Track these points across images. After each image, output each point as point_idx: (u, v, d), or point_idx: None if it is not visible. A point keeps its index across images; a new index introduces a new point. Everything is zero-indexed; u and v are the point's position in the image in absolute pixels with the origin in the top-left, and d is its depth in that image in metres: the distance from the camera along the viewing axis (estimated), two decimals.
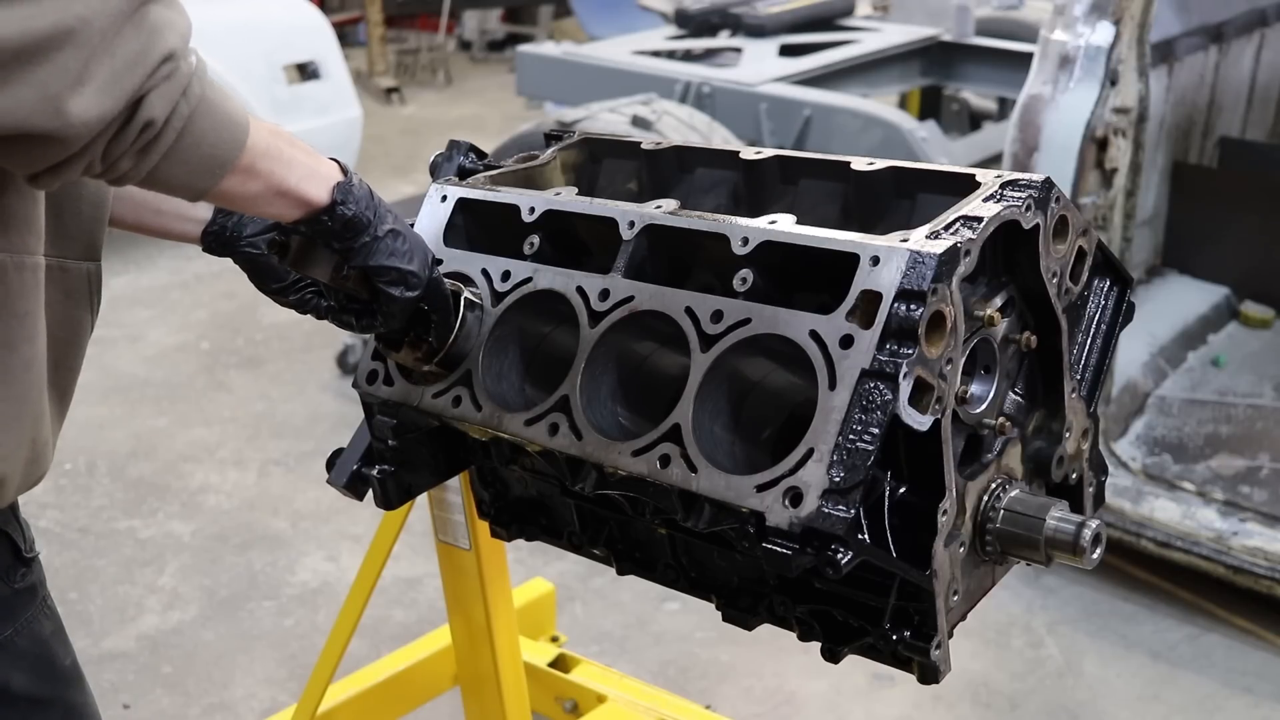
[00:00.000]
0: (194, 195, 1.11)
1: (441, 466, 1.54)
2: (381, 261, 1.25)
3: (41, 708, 1.43)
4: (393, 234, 1.26)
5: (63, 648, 1.47)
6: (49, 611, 1.45)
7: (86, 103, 0.97)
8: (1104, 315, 1.45)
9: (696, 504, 1.20)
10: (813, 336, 1.15)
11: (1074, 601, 3.34)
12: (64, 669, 1.47)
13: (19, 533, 1.40)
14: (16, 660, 1.39)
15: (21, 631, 1.39)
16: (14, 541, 1.38)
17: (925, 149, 4.02)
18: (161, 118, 1.02)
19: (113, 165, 1.04)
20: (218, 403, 4.59)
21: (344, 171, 1.23)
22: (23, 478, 1.32)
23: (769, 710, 3.00)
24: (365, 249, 1.24)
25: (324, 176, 1.21)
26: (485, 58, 10.71)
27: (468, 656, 2.03)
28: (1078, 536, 1.22)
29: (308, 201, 1.20)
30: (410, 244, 1.27)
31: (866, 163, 1.39)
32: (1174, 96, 4.02)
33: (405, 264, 1.26)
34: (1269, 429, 3.64)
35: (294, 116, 6.16)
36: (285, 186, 1.17)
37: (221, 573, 3.56)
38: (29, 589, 1.41)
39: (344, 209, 1.21)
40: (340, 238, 1.23)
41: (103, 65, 0.98)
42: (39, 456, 1.33)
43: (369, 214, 1.23)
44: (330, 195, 1.20)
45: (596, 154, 1.64)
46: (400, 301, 1.28)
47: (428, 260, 1.30)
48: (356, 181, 1.23)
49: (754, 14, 5.33)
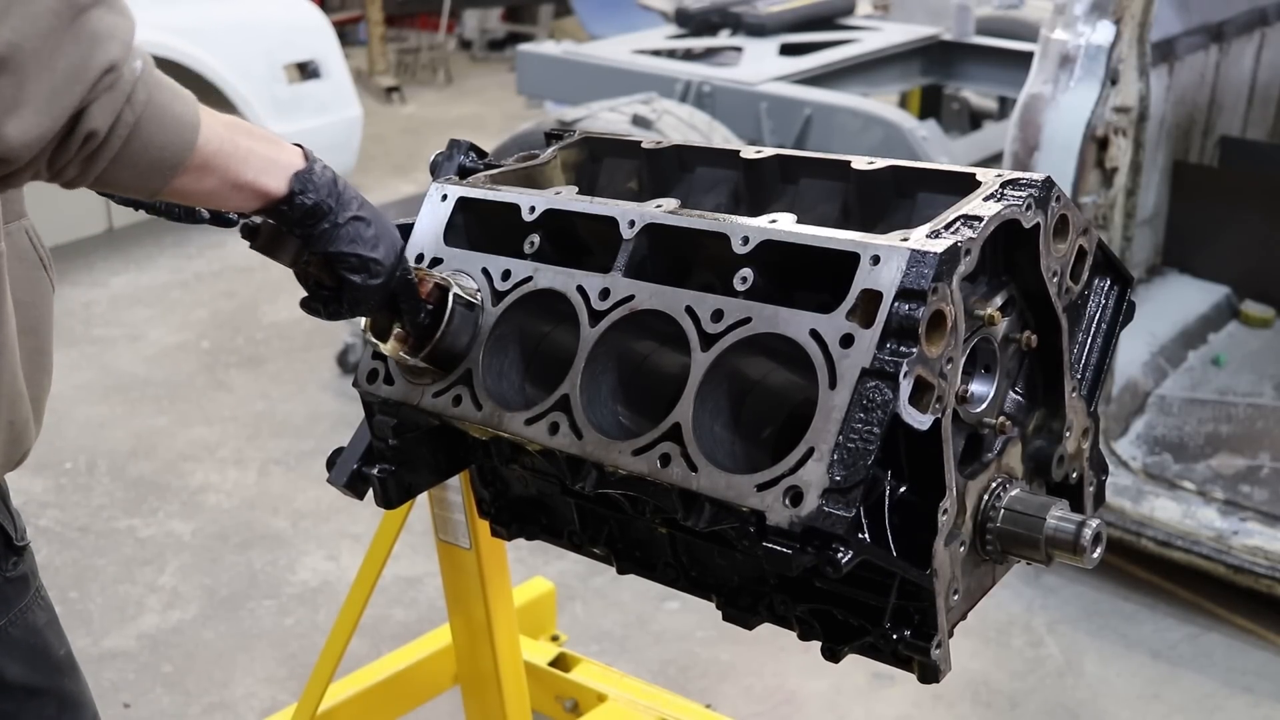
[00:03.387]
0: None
1: (442, 465, 1.54)
2: (341, 248, 1.24)
3: (36, 697, 1.43)
4: (357, 221, 1.25)
5: (57, 638, 1.48)
6: (43, 602, 1.46)
7: (25, 125, 0.97)
8: (1104, 314, 1.45)
9: (697, 503, 1.20)
10: (813, 336, 1.15)
11: (1074, 601, 3.34)
12: (58, 659, 1.47)
13: (9, 521, 1.40)
14: (10, 650, 1.40)
15: (15, 621, 1.40)
16: (4, 530, 1.39)
17: (926, 148, 4.02)
18: (104, 128, 1.02)
19: (59, 173, 1.04)
20: (218, 402, 4.59)
21: (306, 158, 1.23)
22: (4, 458, 1.33)
23: (769, 709, 3.00)
24: (325, 235, 1.24)
25: (283, 166, 1.20)
26: (485, 57, 10.71)
27: (468, 656, 2.03)
28: (1078, 536, 1.22)
29: (265, 193, 1.19)
30: (377, 231, 1.26)
31: (867, 162, 1.39)
32: (1174, 96, 4.02)
33: (367, 251, 1.25)
34: (1269, 428, 3.64)
35: (294, 116, 6.16)
36: (241, 180, 1.17)
37: (222, 572, 3.56)
38: (21, 578, 1.41)
39: (303, 198, 1.21)
40: (301, 225, 1.23)
41: (40, 85, 0.97)
42: (19, 436, 1.34)
43: (330, 201, 1.23)
44: (288, 185, 1.20)
45: (597, 153, 1.64)
46: (363, 289, 1.27)
47: (395, 249, 1.29)
48: (319, 168, 1.23)
49: (754, 13, 5.33)
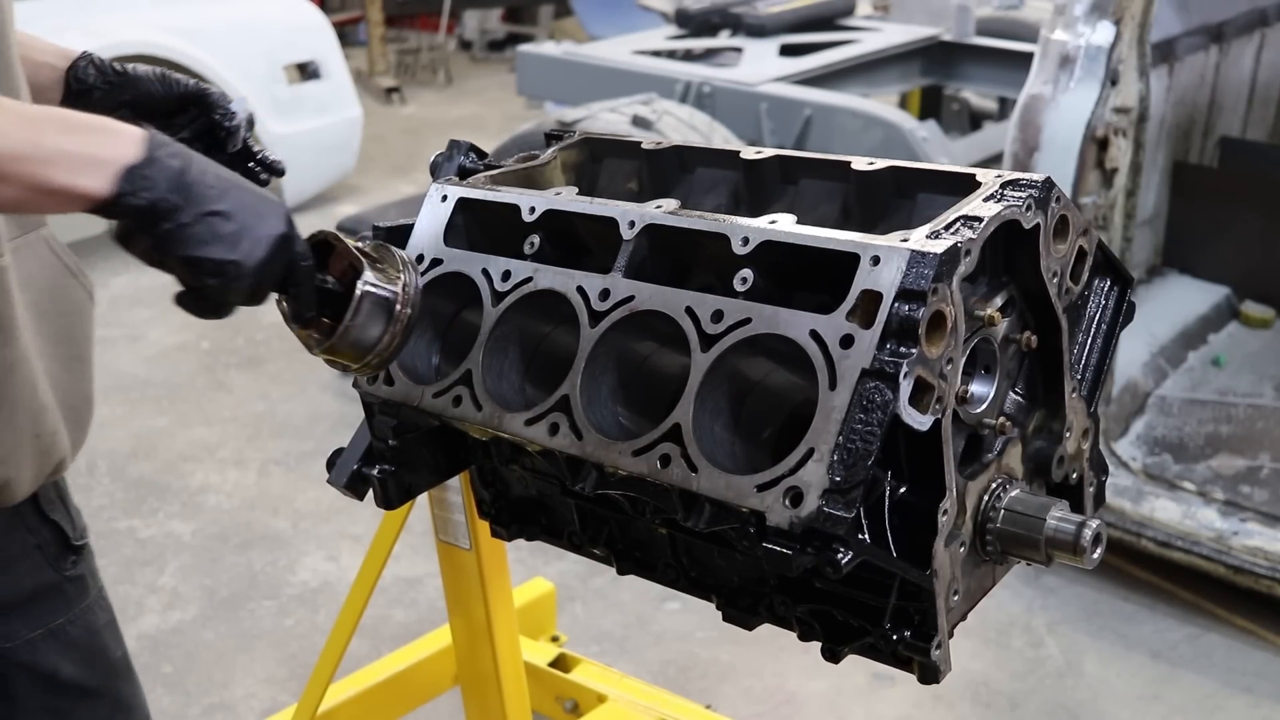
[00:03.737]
0: None
1: (442, 466, 1.54)
2: (190, 252, 1.09)
3: (90, 697, 1.43)
4: (211, 216, 1.09)
5: (114, 639, 1.48)
6: (104, 603, 1.47)
7: None
8: (1104, 315, 1.45)
9: (697, 504, 1.20)
10: (813, 336, 1.15)
11: (1074, 601, 3.34)
12: (114, 660, 1.47)
13: (68, 520, 1.41)
14: (68, 649, 1.40)
15: (75, 620, 1.41)
16: (62, 530, 1.40)
17: (926, 149, 4.02)
18: None
19: None
20: (218, 402, 4.59)
21: (149, 147, 1.08)
22: (35, 471, 1.32)
23: (769, 710, 3.00)
24: (170, 237, 1.08)
25: (106, 163, 1.06)
26: (485, 57, 10.70)
27: (468, 656, 2.03)
28: (1078, 536, 1.22)
29: (83, 196, 1.06)
30: (239, 225, 1.10)
31: (867, 162, 1.39)
32: (1174, 96, 4.02)
33: (223, 254, 1.09)
34: (1269, 429, 3.64)
35: (294, 116, 6.17)
36: (50, 186, 1.04)
37: (222, 572, 3.56)
38: (80, 578, 1.42)
39: (132, 199, 1.06)
40: (140, 228, 1.08)
41: None
42: (49, 448, 1.34)
43: (173, 197, 1.07)
44: (114, 185, 1.06)
45: (597, 154, 1.64)
46: (222, 292, 1.12)
47: (265, 242, 1.11)
48: (164, 157, 1.09)
49: (754, 14, 5.33)
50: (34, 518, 1.39)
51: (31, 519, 1.39)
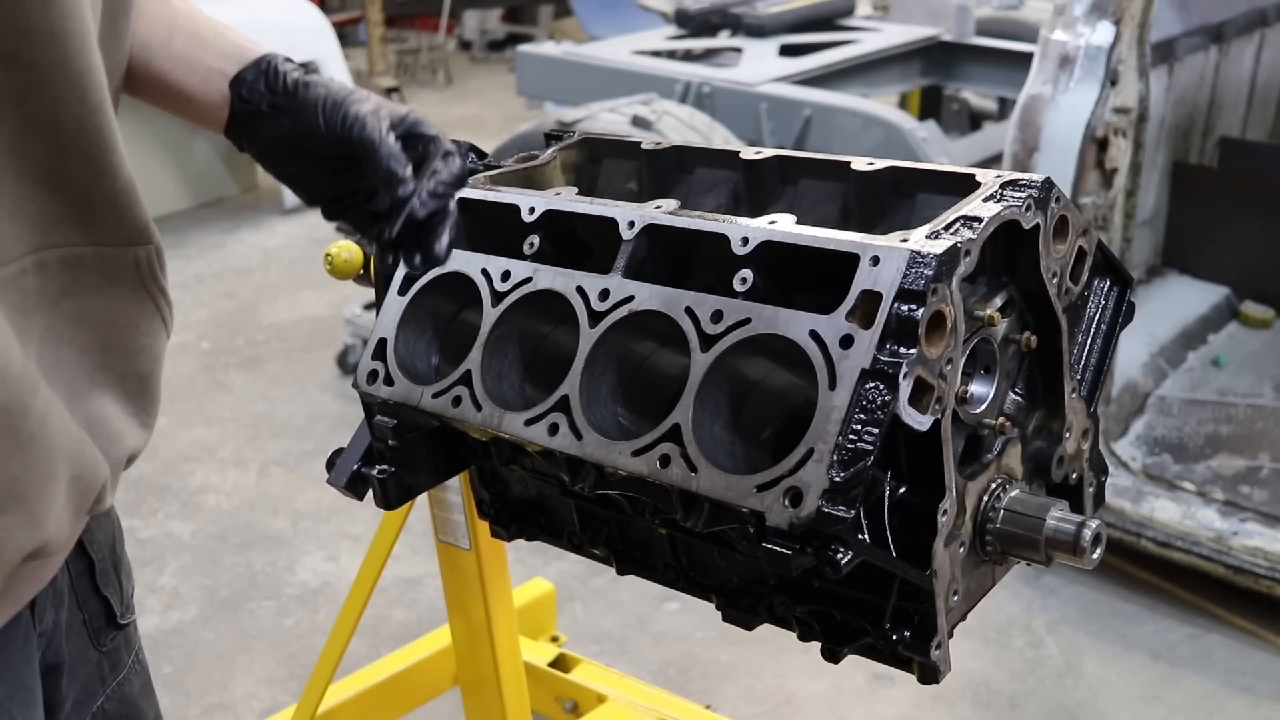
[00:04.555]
0: None
1: (441, 466, 1.54)
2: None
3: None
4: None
5: (148, 703, 1.37)
6: (139, 668, 1.34)
7: None
8: (1104, 315, 1.45)
9: (696, 504, 1.20)
10: (813, 336, 1.15)
11: (1074, 601, 3.34)
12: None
13: (116, 593, 1.25)
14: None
15: (111, 696, 1.29)
16: (109, 604, 1.25)
17: (925, 149, 4.02)
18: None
19: None
20: (218, 403, 4.59)
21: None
22: (74, 511, 1.08)
23: (769, 710, 3.00)
24: None
25: None
26: (485, 58, 10.71)
27: (468, 656, 2.03)
28: (1078, 536, 1.22)
29: None
30: None
31: (866, 163, 1.39)
32: (1174, 96, 4.02)
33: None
34: (1269, 429, 3.64)
35: None
36: None
37: (221, 573, 3.56)
38: (115, 650, 1.29)
39: None
40: None
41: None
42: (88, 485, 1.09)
43: None
44: None
45: (596, 154, 1.64)
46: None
47: None
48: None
49: (754, 14, 5.33)
50: (87, 589, 1.23)
51: (84, 589, 1.22)
